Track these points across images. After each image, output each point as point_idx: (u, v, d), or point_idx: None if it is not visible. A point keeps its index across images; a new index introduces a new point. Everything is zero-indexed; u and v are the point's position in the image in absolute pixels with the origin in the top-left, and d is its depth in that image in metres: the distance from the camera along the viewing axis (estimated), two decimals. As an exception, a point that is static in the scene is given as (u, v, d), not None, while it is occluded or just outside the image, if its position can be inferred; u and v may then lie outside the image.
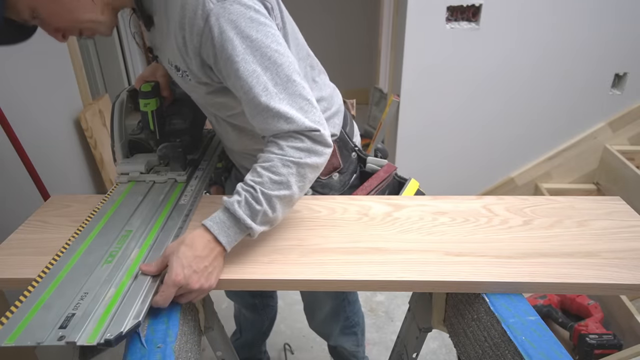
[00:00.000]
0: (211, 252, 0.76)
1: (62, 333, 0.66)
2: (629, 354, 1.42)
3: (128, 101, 1.11)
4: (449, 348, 1.80)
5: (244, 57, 0.78)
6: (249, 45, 0.78)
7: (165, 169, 1.10)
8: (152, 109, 1.03)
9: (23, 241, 0.90)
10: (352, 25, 3.90)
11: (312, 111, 0.81)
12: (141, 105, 1.03)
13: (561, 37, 2.07)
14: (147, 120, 1.05)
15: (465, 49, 2.10)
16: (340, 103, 1.12)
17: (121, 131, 1.10)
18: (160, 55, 0.96)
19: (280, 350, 1.82)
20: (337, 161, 1.08)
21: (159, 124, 1.06)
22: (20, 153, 1.40)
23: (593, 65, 2.13)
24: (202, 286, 0.75)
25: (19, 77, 1.57)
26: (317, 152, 0.81)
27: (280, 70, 0.80)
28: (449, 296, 0.90)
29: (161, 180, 1.07)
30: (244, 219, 0.76)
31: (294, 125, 0.79)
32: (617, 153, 2.20)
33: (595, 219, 0.94)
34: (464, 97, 2.21)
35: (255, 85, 0.79)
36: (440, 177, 2.39)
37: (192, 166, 1.12)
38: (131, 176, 1.08)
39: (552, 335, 0.69)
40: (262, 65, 0.79)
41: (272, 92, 0.79)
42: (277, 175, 0.78)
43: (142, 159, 1.11)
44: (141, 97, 1.03)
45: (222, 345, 0.99)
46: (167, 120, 1.09)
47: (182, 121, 1.10)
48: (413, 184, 1.10)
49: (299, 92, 0.81)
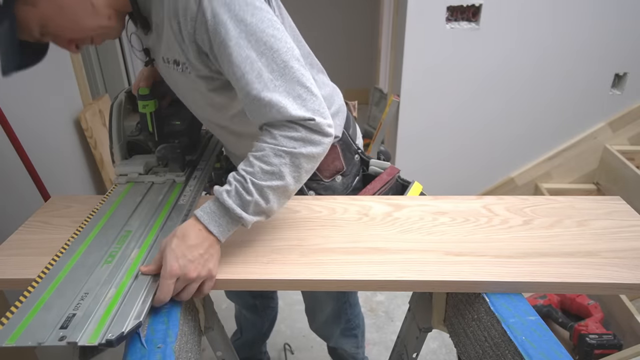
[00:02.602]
0: (204, 240, 0.76)
1: (63, 333, 0.65)
2: (629, 354, 1.42)
3: (126, 102, 1.11)
4: (449, 348, 1.80)
5: (237, 41, 0.75)
6: (243, 29, 0.75)
7: (163, 169, 1.10)
8: (150, 110, 1.04)
9: (23, 241, 0.90)
10: (352, 25, 3.90)
11: (311, 99, 0.79)
12: (140, 106, 1.03)
13: (561, 37, 2.07)
14: (145, 121, 1.05)
15: (465, 49, 2.10)
16: (341, 103, 1.10)
17: (119, 132, 1.10)
18: (157, 57, 0.94)
19: (280, 350, 1.82)
20: (340, 164, 1.06)
21: (157, 125, 1.06)
22: (20, 153, 1.40)
23: (593, 65, 2.13)
24: (199, 274, 0.75)
25: (19, 77, 1.57)
26: (313, 142, 0.78)
27: (277, 56, 0.77)
28: (449, 296, 0.90)
29: (160, 181, 1.07)
30: (233, 208, 0.75)
31: (286, 115, 0.76)
32: (617, 153, 2.20)
33: (595, 218, 0.94)
34: (464, 97, 2.21)
35: (248, 72, 0.76)
36: (440, 177, 2.39)
37: (190, 167, 1.12)
38: (130, 177, 1.08)
39: (552, 335, 0.69)
40: (257, 50, 0.76)
41: (267, 79, 0.76)
42: (268, 165, 0.76)
43: (140, 160, 1.11)
44: (140, 99, 1.03)
45: (222, 346, 0.99)
46: (166, 121, 1.09)
47: (180, 122, 1.10)
48: (416, 186, 1.09)
49: (296, 78, 0.78)
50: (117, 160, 1.11)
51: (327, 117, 0.80)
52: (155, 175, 1.08)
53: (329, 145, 0.81)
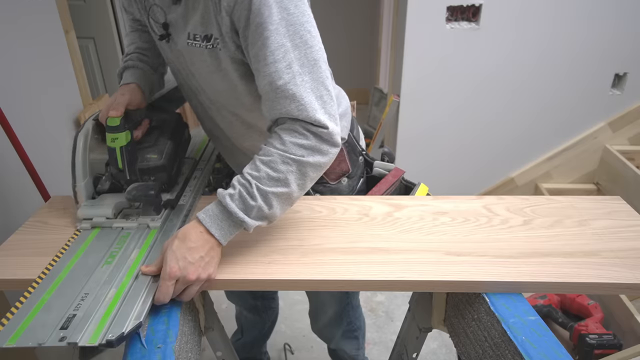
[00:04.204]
0: (205, 243, 0.76)
1: (63, 334, 0.66)
2: (629, 354, 1.42)
3: (94, 132, 0.95)
4: (449, 348, 1.80)
5: (277, 27, 0.74)
6: (285, 17, 0.74)
7: (137, 211, 0.95)
8: (121, 144, 0.89)
9: (23, 242, 0.90)
10: (352, 26, 3.90)
11: (330, 103, 0.79)
12: (108, 140, 0.89)
13: (561, 37, 2.07)
14: (114, 157, 0.90)
15: (465, 49, 2.10)
16: (348, 105, 1.09)
17: (85, 169, 0.93)
18: (178, 33, 0.87)
19: (280, 350, 1.82)
20: (346, 166, 1.05)
21: (129, 161, 0.91)
22: (20, 153, 1.40)
23: (593, 65, 2.13)
24: (199, 276, 0.74)
25: (19, 77, 1.57)
26: (321, 151, 0.78)
27: (309, 53, 0.77)
28: (449, 296, 0.90)
29: (131, 227, 0.92)
30: (236, 212, 0.75)
31: (304, 114, 0.75)
32: (617, 153, 2.20)
33: (595, 218, 0.94)
34: (464, 97, 2.21)
35: (280, 60, 0.75)
36: (440, 177, 2.39)
37: (169, 207, 0.96)
38: (95, 222, 0.92)
39: (552, 335, 0.70)
40: (293, 42, 0.75)
41: (296, 72, 0.75)
42: (275, 171, 0.76)
43: (109, 200, 0.94)
44: (108, 131, 0.89)
45: (222, 346, 0.99)
46: (140, 155, 0.94)
47: (158, 156, 0.95)
48: (422, 188, 1.08)
49: (322, 79, 0.78)
50: (80, 200, 0.93)
51: (338, 124, 0.80)
52: (126, 219, 0.93)
53: (335, 155, 0.81)
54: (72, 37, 1.88)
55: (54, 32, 1.79)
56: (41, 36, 1.70)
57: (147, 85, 1.01)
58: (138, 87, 0.98)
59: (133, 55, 1.04)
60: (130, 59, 1.03)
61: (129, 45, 1.08)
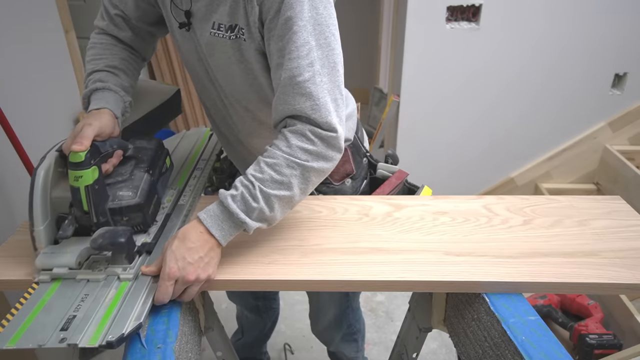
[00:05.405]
0: (205, 243, 0.75)
1: (63, 335, 0.66)
2: (629, 354, 1.42)
3: (57, 165, 0.81)
4: (449, 348, 1.80)
5: (305, 24, 0.75)
6: (314, 16, 0.76)
7: (107, 258, 0.79)
8: (86, 183, 0.75)
9: (23, 242, 0.90)
10: (352, 26, 3.90)
11: (342, 107, 0.80)
12: (70, 178, 0.75)
13: (561, 37, 2.07)
14: (78, 199, 0.76)
15: (465, 49, 2.10)
16: (354, 107, 1.09)
17: (45, 209, 0.78)
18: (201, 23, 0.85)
19: (280, 350, 1.82)
20: (350, 167, 1.05)
21: (96, 201, 0.77)
22: (20, 153, 1.40)
23: (593, 65, 2.13)
24: (198, 277, 0.74)
25: (19, 77, 1.57)
26: (326, 157, 0.78)
27: (331, 55, 0.78)
28: (449, 296, 0.90)
29: (98, 278, 0.76)
30: (237, 213, 0.75)
31: (317, 113, 0.76)
32: (617, 153, 2.20)
33: (595, 218, 0.94)
34: (464, 97, 2.21)
35: (303, 57, 0.75)
36: (440, 177, 2.39)
37: (144, 252, 0.82)
38: (56, 272, 0.76)
39: (552, 335, 0.70)
40: (318, 41, 0.76)
41: (317, 71, 0.76)
42: (279, 174, 0.76)
43: (74, 247, 0.78)
44: (71, 168, 0.75)
45: (222, 346, 0.99)
46: (112, 191, 0.81)
47: (132, 193, 0.81)
48: (426, 191, 1.08)
49: (338, 83, 0.79)
50: (40, 246, 0.78)
51: (344, 131, 0.80)
52: (92, 269, 0.78)
53: (337, 161, 0.82)
54: (72, 37, 1.88)
55: (53, 32, 1.79)
56: (41, 36, 1.70)
57: (120, 109, 0.91)
58: (110, 113, 0.87)
59: (102, 74, 0.92)
60: (100, 80, 0.91)
61: (96, 60, 0.94)
